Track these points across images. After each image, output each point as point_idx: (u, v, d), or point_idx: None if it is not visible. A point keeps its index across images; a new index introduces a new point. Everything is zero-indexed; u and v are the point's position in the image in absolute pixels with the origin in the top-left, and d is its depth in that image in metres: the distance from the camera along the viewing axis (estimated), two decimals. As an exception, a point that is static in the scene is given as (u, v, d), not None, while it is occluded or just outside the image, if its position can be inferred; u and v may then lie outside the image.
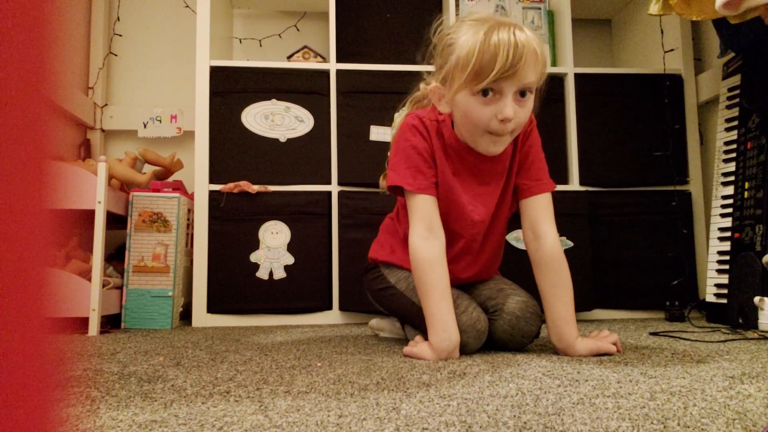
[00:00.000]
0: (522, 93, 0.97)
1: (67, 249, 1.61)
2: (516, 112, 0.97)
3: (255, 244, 1.72)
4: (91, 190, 1.49)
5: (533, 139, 1.12)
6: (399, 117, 1.79)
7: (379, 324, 1.43)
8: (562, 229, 1.11)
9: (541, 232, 1.06)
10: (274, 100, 1.78)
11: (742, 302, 1.41)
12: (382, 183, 1.32)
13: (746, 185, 1.50)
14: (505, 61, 0.92)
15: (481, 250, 1.16)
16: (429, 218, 1.05)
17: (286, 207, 1.74)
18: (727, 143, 1.63)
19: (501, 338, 1.08)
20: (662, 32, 1.96)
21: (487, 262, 1.19)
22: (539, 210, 1.08)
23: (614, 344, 1.02)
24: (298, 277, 1.72)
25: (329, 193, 1.77)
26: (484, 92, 0.97)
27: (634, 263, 1.80)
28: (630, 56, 2.22)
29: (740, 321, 1.41)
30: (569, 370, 0.85)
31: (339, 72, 1.81)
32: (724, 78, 1.71)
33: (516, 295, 1.10)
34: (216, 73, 1.78)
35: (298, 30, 2.25)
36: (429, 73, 1.12)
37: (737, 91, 1.63)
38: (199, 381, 0.80)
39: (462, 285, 1.17)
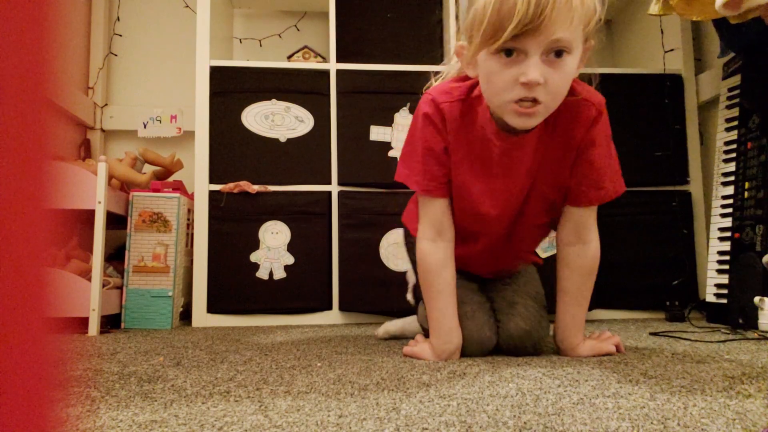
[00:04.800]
0: (557, 53, 0.80)
1: (67, 249, 1.61)
2: (546, 75, 0.80)
3: (255, 244, 1.72)
4: (91, 190, 1.49)
5: (597, 133, 0.92)
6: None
7: (388, 329, 1.34)
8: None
9: (588, 239, 0.99)
10: (274, 100, 1.78)
11: (742, 302, 1.41)
12: None
13: (746, 185, 1.50)
14: (525, 13, 0.76)
15: (504, 250, 1.08)
16: (438, 221, 0.99)
17: (286, 207, 1.74)
18: (727, 143, 1.63)
19: (502, 348, 1.05)
20: (662, 32, 1.96)
21: (512, 262, 1.12)
22: (588, 217, 0.99)
23: (615, 345, 1.02)
24: (298, 277, 1.72)
25: (329, 193, 1.77)
26: (508, 52, 0.81)
27: (634, 263, 1.80)
28: (630, 56, 2.22)
29: (740, 321, 1.41)
30: (569, 370, 0.85)
31: (339, 72, 1.81)
32: (724, 78, 1.71)
33: (520, 318, 1.02)
34: (216, 73, 1.78)
35: (298, 30, 2.25)
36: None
37: (737, 91, 1.63)
38: (199, 381, 0.80)
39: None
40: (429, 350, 0.99)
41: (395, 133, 1.79)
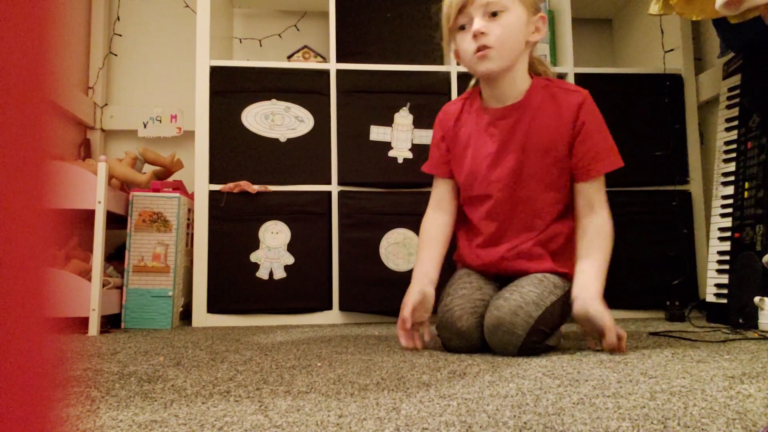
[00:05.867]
0: (494, 14, 1.08)
1: (67, 249, 1.61)
2: (489, 27, 1.08)
3: (255, 244, 1.72)
4: (91, 190, 1.49)
5: (588, 114, 1.13)
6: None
7: None
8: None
9: (599, 212, 1.12)
10: (274, 100, 1.78)
11: (742, 302, 1.41)
12: None
13: (746, 185, 1.50)
14: None
15: (510, 217, 1.14)
16: (440, 196, 1.25)
17: (286, 207, 1.74)
18: (727, 143, 1.63)
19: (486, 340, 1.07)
20: (662, 32, 1.96)
21: (525, 240, 1.13)
22: (595, 194, 1.13)
23: (619, 339, 1.01)
24: (298, 277, 1.72)
25: (329, 193, 1.77)
26: (462, 28, 1.12)
27: (634, 263, 1.80)
28: (630, 56, 2.22)
29: (740, 321, 1.41)
30: (569, 370, 0.85)
31: (339, 72, 1.81)
32: (725, 78, 1.71)
33: (496, 309, 1.04)
34: (216, 73, 1.78)
35: (298, 30, 2.25)
36: None
37: (737, 91, 1.63)
38: (199, 381, 0.80)
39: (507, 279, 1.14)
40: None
41: (395, 133, 1.79)
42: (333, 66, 1.82)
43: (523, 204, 1.14)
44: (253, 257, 1.72)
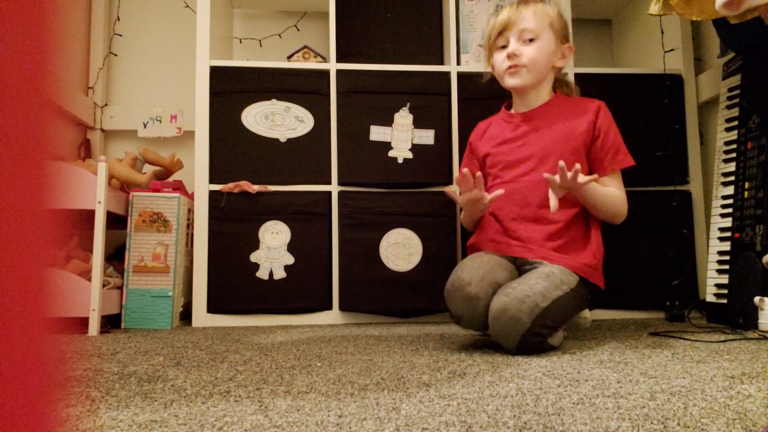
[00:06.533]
0: (529, 40, 1.29)
1: (67, 249, 1.61)
2: (522, 49, 1.29)
3: (255, 244, 1.72)
4: (91, 190, 1.49)
5: (605, 119, 1.32)
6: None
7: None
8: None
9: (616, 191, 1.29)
10: (274, 100, 1.78)
11: (742, 302, 1.41)
12: None
13: (746, 185, 1.50)
14: (503, 19, 1.30)
15: (532, 200, 1.26)
16: None
17: (286, 207, 1.74)
18: (727, 143, 1.63)
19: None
20: (662, 32, 1.96)
21: (545, 225, 1.24)
22: (614, 183, 1.30)
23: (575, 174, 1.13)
24: (298, 277, 1.72)
25: (329, 193, 1.77)
26: (502, 48, 1.32)
27: (634, 263, 1.80)
28: (630, 56, 2.22)
29: (740, 321, 1.41)
30: (569, 370, 0.85)
31: (339, 72, 1.81)
32: (724, 78, 1.71)
33: (504, 294, 1.08)
34: (216, 73, 1.78)
35: (298, 30, 2.25)
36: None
37: (737, 91, 1.63)
38: (199, 381, 0.80)
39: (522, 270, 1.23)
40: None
41: (395, 133, 1.79)
42: (333, 66, 1.82)
43: (544, 188, 1.23)
44: (253, 257, 1.72)
